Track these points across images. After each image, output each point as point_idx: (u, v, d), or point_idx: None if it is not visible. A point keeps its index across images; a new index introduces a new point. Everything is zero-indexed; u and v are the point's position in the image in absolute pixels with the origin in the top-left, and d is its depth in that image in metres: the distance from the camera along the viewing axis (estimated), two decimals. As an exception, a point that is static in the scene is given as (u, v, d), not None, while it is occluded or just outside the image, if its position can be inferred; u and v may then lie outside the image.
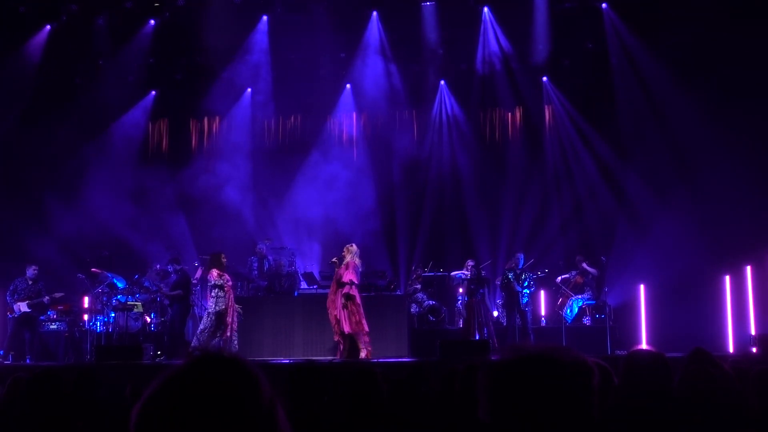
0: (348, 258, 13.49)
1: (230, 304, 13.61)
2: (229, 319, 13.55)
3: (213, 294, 13.57)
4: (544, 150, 18.30)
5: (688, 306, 14.95)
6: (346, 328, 13.21)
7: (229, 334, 13.59)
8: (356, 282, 13.47)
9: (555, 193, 18.08)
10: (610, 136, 17.37)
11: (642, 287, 15.60)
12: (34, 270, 15.01)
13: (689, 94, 15.87)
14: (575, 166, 17.89)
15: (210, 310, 13.52)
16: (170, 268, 15.15)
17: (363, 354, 13.09)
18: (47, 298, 14.93)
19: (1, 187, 16.56)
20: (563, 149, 18.16)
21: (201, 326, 13.60)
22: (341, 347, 13.39)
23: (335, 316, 13.35)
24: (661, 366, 4.14)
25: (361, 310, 13.38)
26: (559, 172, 18.13)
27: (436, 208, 18.50)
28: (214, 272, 13.61)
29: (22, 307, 14.75)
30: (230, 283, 13.81)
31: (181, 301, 14.83)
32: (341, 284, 13.35)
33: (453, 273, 15.89)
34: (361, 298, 13.65)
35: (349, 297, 13.28)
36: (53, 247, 16.33)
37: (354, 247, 13.70)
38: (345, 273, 13.36)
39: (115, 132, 18.20)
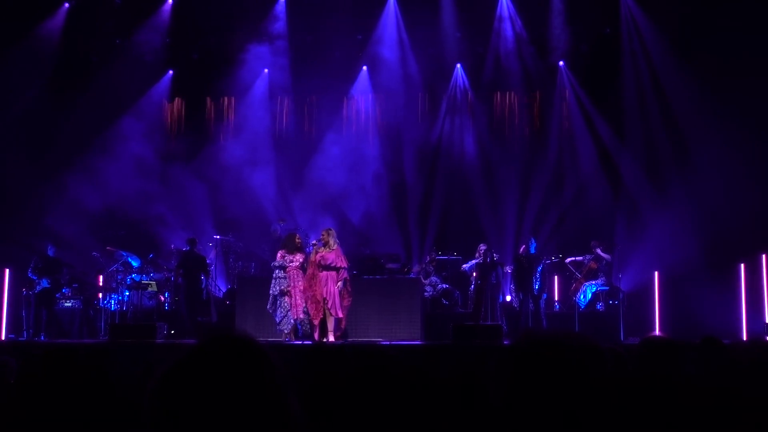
0: (331, 242, 13.42)
1: (293, 284, 13.52)
2: (298, 300, 13.49)
3: (274, 274, 13.63)
4: (558, 135, 18.16)
5: (702, 293, 14.86)
6: (339, 312, 13.24)
7: (301, 315, 13.55)
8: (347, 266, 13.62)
9: (566, 178, 17.94)
10: (620, 121, 17.25)
11: (656, 274, 15.53)
12: (54, 248, 15.27)
13: (689, 71, 15.82)
14: (586, 151, 17.72)
15: (271, 292, 13.59)
16: (185, 249, 15.28)
17: (332, 338, 13.06)
18: (66, 272, 15.30)
19: (22, 164, 16.59)
20: (575, 134, 18.02)
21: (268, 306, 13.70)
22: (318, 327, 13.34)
23: (323, 297, 13.16)
24: (674, 353, 4.13)
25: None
26: (567, 158, 17.98)
27: (449, 191, 18.42)
28: (279, 253, 13.71)
29: (43, 282, 14.99)
30: (294, 263, 13.63)
31: (184, 278, 14.99)
32: (328, 267, 13.24)
33: (463, 266, 15.86)
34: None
35: (346, 282, 13.38)
36: (70, 224, 16.43)
37: (333, 231, 13.69)
38: (337, 258, 13.28)
39: (131, 111, 18.22)
